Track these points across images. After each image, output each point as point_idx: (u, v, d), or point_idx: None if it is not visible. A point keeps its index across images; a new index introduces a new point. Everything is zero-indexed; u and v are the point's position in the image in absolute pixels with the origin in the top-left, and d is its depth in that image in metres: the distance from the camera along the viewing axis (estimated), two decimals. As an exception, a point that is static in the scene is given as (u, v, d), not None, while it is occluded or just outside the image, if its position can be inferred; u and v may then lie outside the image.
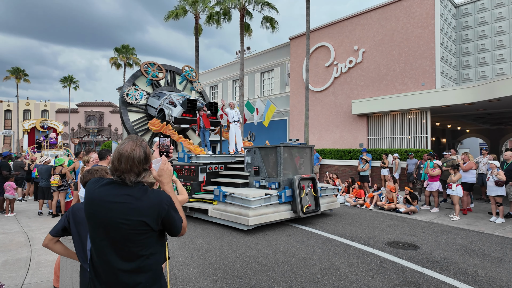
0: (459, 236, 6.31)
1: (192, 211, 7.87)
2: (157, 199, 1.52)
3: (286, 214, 7.04)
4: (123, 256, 1.47)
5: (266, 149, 7.79)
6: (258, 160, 7.88)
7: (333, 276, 4.28)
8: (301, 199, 7.15)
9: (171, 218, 1.55)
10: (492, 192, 7.59)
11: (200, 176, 8.18)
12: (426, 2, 13.20)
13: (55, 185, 8.15)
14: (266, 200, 6.77)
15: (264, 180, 7.63)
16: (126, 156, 1.49)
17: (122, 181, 1.51)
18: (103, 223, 1.47)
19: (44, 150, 18.17)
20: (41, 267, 4.61)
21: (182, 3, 19.64)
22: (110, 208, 1.47)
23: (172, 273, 4.43)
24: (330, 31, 16.70)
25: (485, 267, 4.64)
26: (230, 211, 6.82)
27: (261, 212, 6.55)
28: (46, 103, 46.58)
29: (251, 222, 6.28)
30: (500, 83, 10.18)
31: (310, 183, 7.62)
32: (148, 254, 1.51)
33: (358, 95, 15.41)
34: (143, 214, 1.46)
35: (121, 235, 1.46)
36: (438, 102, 12.07)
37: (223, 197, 7.09)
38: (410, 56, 13.63)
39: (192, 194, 7.96)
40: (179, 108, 10.40)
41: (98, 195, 1.51)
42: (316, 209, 7.51)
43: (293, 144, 7.90)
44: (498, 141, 20.69)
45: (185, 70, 12.95)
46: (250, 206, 6.43)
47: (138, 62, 33.61)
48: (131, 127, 11.11)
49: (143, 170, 1.53)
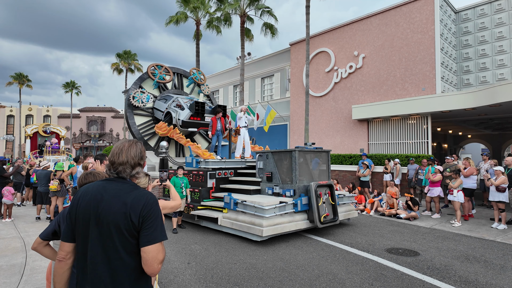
0: (460, 243, 6.21)
1: (201, 220, 7.52)
2: (144, 193, 1.58)
3: (302, 224, 6.51)
4: (108, 251, 1.49)
5: (280, 153, 7.34)
6: (271, 165, 7.42)
7: (331, 283, 4.21)
8: (319, 208, 6.61)
9: (153, 217, 1.51)
10: (494, 198, 7.50)
11: (209, 182, 7.78)
12: (426, 8, 13.22)
13: (54, 190, 8.13)
14: (281, 208, 6.27)
15: (277, 186, 7.17)
16: (125, 150, 1.67)
17: (118, 175, 1.64)
18: (93, 215, 1.52)
19: (47, 155, 18.12)
20: (35, 273, 4.55)
21: (183, 9, 19.79)
22: (101, 200, 1.53)
23: (168, 279, 4.36)
24: (330, 36, 16.74)
25: (486, 274, 4.55)
26: (242, 220, 6.33)
27: (275, 222, 6.04)
28: (48, 108, 46.80)
29: (266, 233, 5.80)
30: (501, 88, 10.13)
31: (328, 190, 7.09)
32: (134, 251, 1.50)
33: (358, 100, 15.38)
34: (129, 207, 1.50)
35: (108, 228, 1.49)
36: (438, 107, 12.01)
37: (234, 205, 6.62)
38: (410, 62, 13.62)
39: (200, 201, 7.58)
40: (186, 111, 10.10)
41: (92, 188, 1.61)
42: (334, 218, 6.91)
43: (309, 149, 7.37)
44: (500, 146, 20.56)
45: (193, 72, 12.59)
46: (264, 215, 5.94)
47: (140, 68, 33.79)
48: (137, 130, 10.85)
49: (137, 164, 1.69)
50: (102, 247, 1.49)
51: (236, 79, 22.54)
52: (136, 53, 33.42)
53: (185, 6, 19.64)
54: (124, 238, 1.48)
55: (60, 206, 8.28)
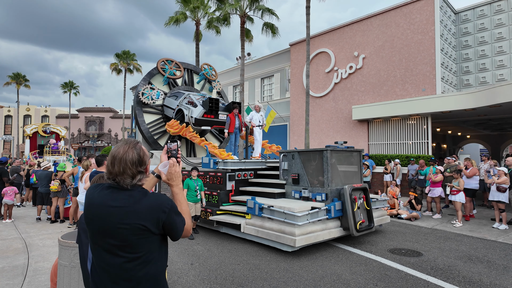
0: (462, 243, 6.23)
1: (220, 226, 6.91)
2: (156, 202, 1.48)
3: (336, 232, 5.89)
4: (121, 264, 1.43)
5: (309, 153, 6.75)
6: (298, 166, 6.81)
7: (335, 284, 4.20)
8: (354, 214, 5.99)
9: (173, 222, 1.50)
10: (494, 198, 7.53)
11: (228, 185, 7.18)
12: (426, 9, 13.26)
13: (55, 190, 8.09)
14: (314, 215, 5.66)
15: (306, 190, 6.55)
16: (119, 159, 1.47)
17: (119, 185, 1.49)
18: (102, 227, 1.44)
19: (46, 156, 17.89)
20: (38, 275, 4.53)
21: (182, 9, 19.76)
22: (109, 212, 1.44)
23: (171, 280, 4.35)
24: (330, 37, 16.76)
25: (490, 274, 4.56)
26: (269, 228, 5.73)
27: (308, 230, 5.44)
28: (47, 108, 46.63)
29: (299, 243, 5.19)
30: (501, 89, 10.17)
31: (362, 194, 6.48)
32: (148, 260, 1.46)
33: (358, 101, 15.40)
34: (142, 218, 1.43)
35: (120, 240, 1.42)
36: (438, 108, 12.05)
37: (259, 210, 6.02)
38: (411, 62, 13.65)
39: (219, 206, 6.99)
40: (199, 109, 9.51)
41: (97, 199, 1.49)
42: (370, 225, 6.29)
43: (340, 148, 6.79)
44: (499, 146, 20.64)
45: (204, 68, 12.05)
46: (296, 222, 5.31)
47: (139, 68, 33.70)
48: (147, 129, 10.34)
49: (137, 172, 1.50)
50: (113, 260, 1.43)
51: (236, 79, 22.53)
52: (135, 53, 33.35)
53: (184, 6, 19.61)
54: (139, 248, 1.43)
55: (61, 206, 8.25)
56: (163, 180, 1.68)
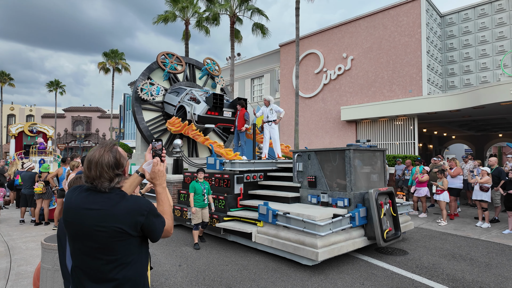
0: (447, 242, 6.36)
1: (227, 233, 6.29)
2: (135, 206, 1.47)
3: (360, 242, 5.28)
4: (100, 266, 1.42)
5: (327, 153, 6.07)
6: (315, 167, 6.17)
7: (323, 283, 4.24)
8: (381, 221, 5.37)
9: (152, 225, 1.49)
10: (477, 197, 7.73)
11: (236, 188, 6.56)
12: (412, 12, 13.51)
13: (39, 192, 7.91)
14: (337, 224, 5.01)
15: (325, 194, 5.84)
16: (95, 163, 1.47)
17: (97, 188, 1.48)
18: (80, 231, 1.44)
19: (33, 156, 17.26)
20: (20, 278, 4.42)
21: (172, 8, 19.61)
22: (86, 215, 1.43)
23: (159, 282, 4.31)
24: (320, 38, 16.90)
25: (472, 272, 4.68)
26: (285, 238, 5.11)
27: (331, 241, 4.84)
28: (32, 107, 45.57)
29: (322, 256, 4.55)
30: (484, 91, 10.44)
31: (388, 199, 5.86)
32: (127, 262, 1.45)
33: (347, 102, 15.57)
34: (120, 221, 1.42)
35: (99, 243, 1.41)
36: (425, 109, 12.29)
37: (273, 218, 5.35)
38: (398, 64, 13.88)
39: (227, 211, 6.35)
40: (203, 105, 8.95)
41: (75, 202, 1.48)
42: (397, 233, 5.68)
43: (363, 147, 6.12)
44: (483, 146, 21.19)
45: (207, 63, 11.44)
46: (318, 232, 4.66)
47: (128, 68, 33.27)
48: (146, 127, 9.82)
49: (115, 175, 1.49)
50: (92, 263, 1.43)
51: (225, 79, 22.47)
52: (124, 52, 32.91)
53: (174, 5, 19.47)
54: (118, 251, 1.42)
55: (45, 208, 8.07)
56: (146, 179, 1.68)
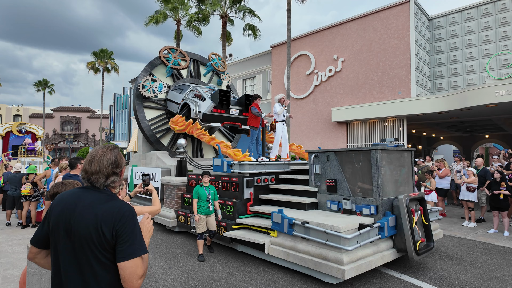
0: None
1: (237, 243, 5.74)
2: (118, 205, 1.49)
3: (389, 256, 4.58)
4: (81, 265, 1.44)
5: (350, 153, 5.32)
6: (335, 169, 5.46)
7: (313, 283, 4.28)
8: (413, 231, 4.69)
9: (128, 231, 1.44)
10: (464, 197, 7.90)
11: (245, 192, 5.92)
12: (401, 15, 13.72)
13: (27, 194, 7.76)
14: (364, 235, 4.31)
15: (348, 200, 5.13)
16: (97, 158, 1.58)
17: (92, 185, 1.56)
18: (66, 225, 1.47)
19: (21, 157, 16.73)
20: (7, 283, 4.34)
21: (163, 8, 19.51)
22: (74, 210, 1.48)
23: (148, 285, 4.29)
24: (311, 40, 17.03)
25: (458, 271, 4.78)
26: (304, 251, 4.43)
27: (358, 256, 4.17)
28: (19, 107, 44.72)
29: (349, 274, 3.89)
30: (470, 93, 10.67)
31: (419, 205, 5.19)
32: (106, 266, 1.43)
33: (337, 103, 15.72)
34: (101, 219, 1.43)
35: (80, 240, 1.43)
36: (413, 111, 12.50)
37: (289, 227, 4.69)
38: (387, 66, 14.08)
39: (235, 218, 5.74)
40: (208, 102, 8.38)
41: (67, 197, 1.55)
42: (429, 245, 5.00)
43: (390, 147, 5.39)
44: (470, 147, 21.63)
45: (212, 58, 10.85)
46: (344, 247, 3.99)
47: (117, 68, 32.94)
48: (148, 126, 9.27)
49: (112, 173, 1.59)
50: (75, 260, 1.43)
51: (217, 80, 22.42)
52: (113, 51, 32.57)
53: (165, 5, 19.38)
54: (97, 252, 1.41)
55: (33, 211, 7.93)
56: None
